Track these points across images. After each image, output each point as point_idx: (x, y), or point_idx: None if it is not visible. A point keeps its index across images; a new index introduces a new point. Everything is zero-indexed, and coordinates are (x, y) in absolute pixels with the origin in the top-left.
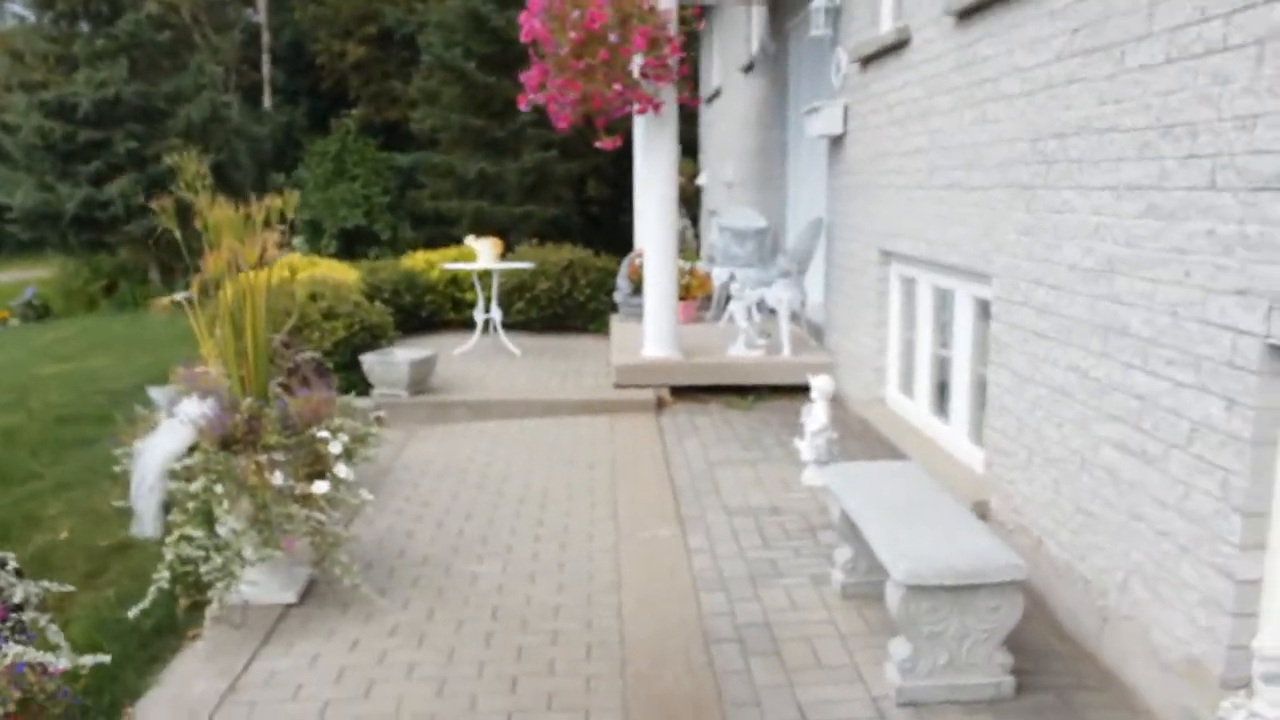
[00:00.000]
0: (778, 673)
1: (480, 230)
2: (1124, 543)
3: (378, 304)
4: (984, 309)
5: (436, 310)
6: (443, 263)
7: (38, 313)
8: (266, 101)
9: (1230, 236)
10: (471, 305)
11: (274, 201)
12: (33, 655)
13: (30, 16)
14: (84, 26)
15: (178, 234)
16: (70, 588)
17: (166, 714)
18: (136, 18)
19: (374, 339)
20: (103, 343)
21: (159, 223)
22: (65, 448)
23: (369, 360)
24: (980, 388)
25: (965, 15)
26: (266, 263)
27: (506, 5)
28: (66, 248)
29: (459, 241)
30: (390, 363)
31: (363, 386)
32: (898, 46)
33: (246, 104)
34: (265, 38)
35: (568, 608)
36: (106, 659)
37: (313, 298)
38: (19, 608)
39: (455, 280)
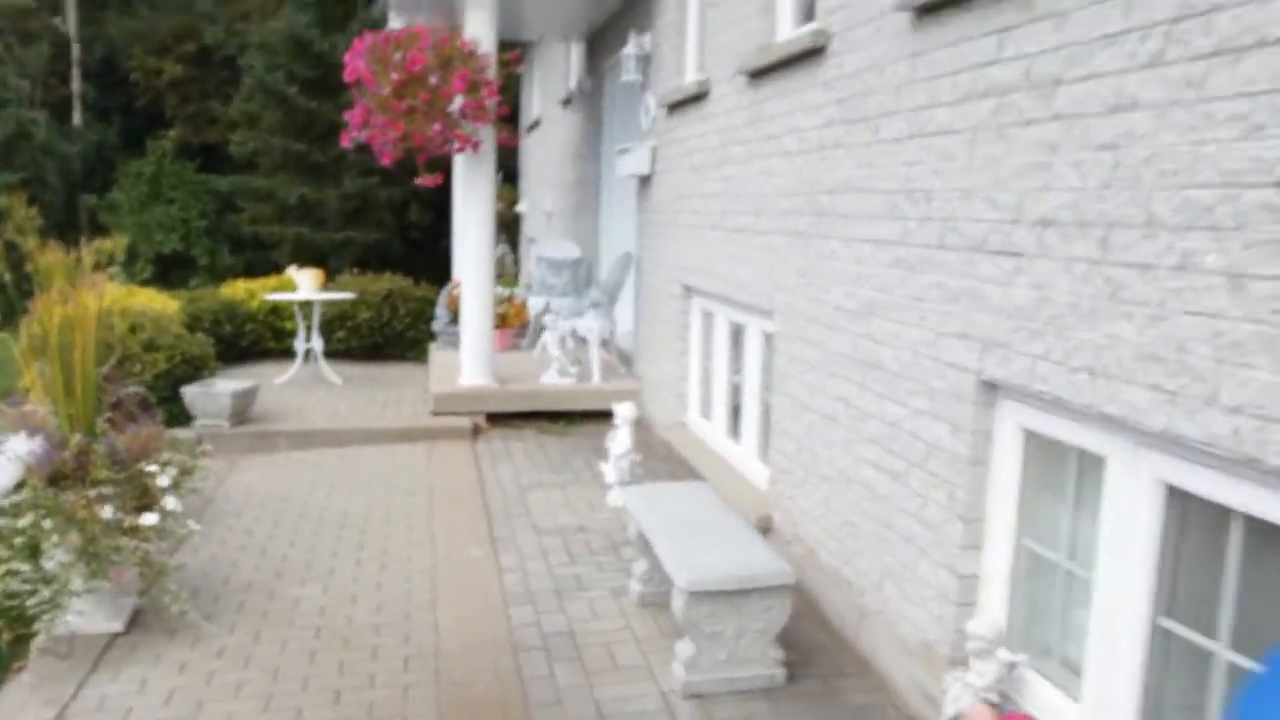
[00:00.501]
0: (579, 675)
1: (301, 256)
2: (879, 548)
3: (199, 335)
4: (770, 341)
5: (257, 339)
6: (264, 292)
7: None
8: (76, 118)
9: (954, 289)
10: (292, 334)
11: (104, 244)
12: None
13: None
14: None
15: (8, 277)
16: None
17: None
18: None
19: (195, 370)
20: None
21: None
22: None
23: (191, 392)
24: (767, 413)
25: (756, 76)
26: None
27: (330, 30)
28: None
29: (279, 267)
30: (212, 394)
31: (184, 418)
32: (699, 98)
33: (55, 120)
34: (75, 50)
35: (387, 625)
36: None
37: (133, 329)
38: None
39: (276, 309)
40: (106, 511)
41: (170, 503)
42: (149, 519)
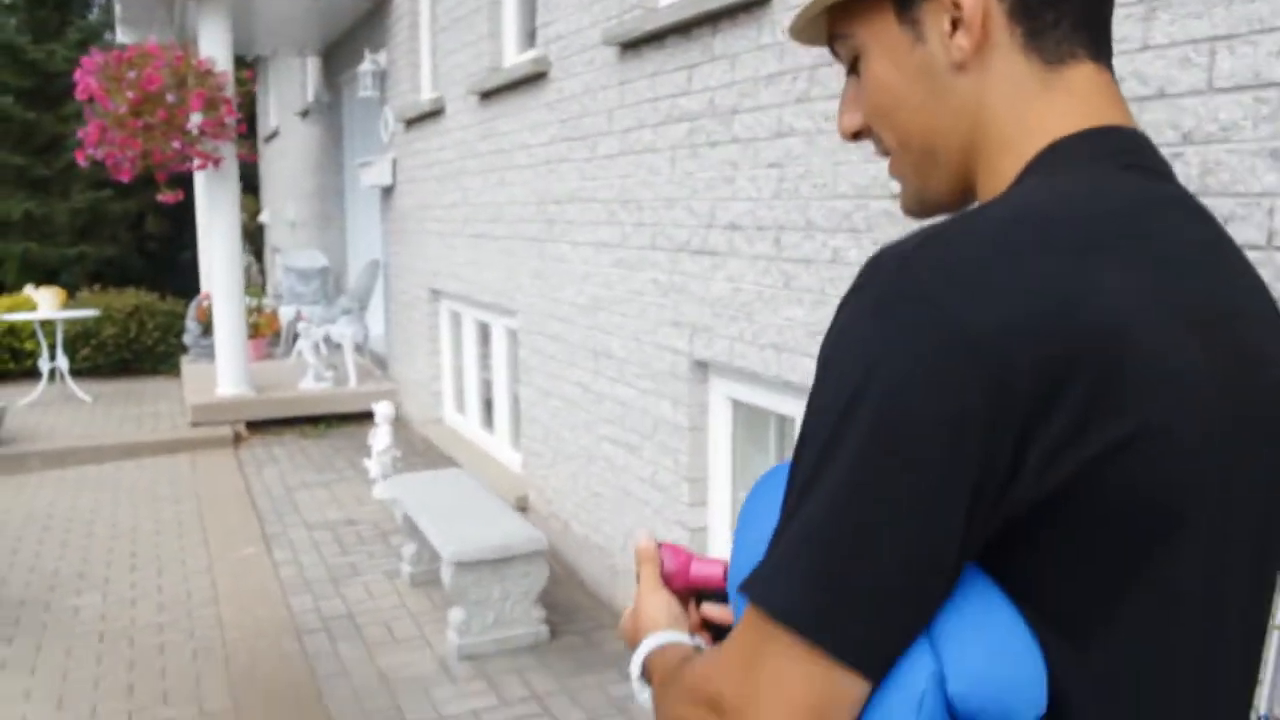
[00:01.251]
0: (360, 649)
1: (29, 272)
2: (621, 514)
3: None
4: (514, 337)
5: None
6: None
7: None
8: None
9: (666, 283)
10: (32, 355)
11: None
12: None
13: None
14: None
15: None
16: None
17: None
18: None
19: None
20: None
21: None
22: None
23: None
24: (516, 403)
25: (487, 96)
26: None
27: (44, 38)
28: None
29: (3, 285)
30: None
31: None
32: (435, 114)
33: None
34: None
35: (170, 623)
36: None
37: None
38: None
39: (12, 330)
40: None
41: None
42: None
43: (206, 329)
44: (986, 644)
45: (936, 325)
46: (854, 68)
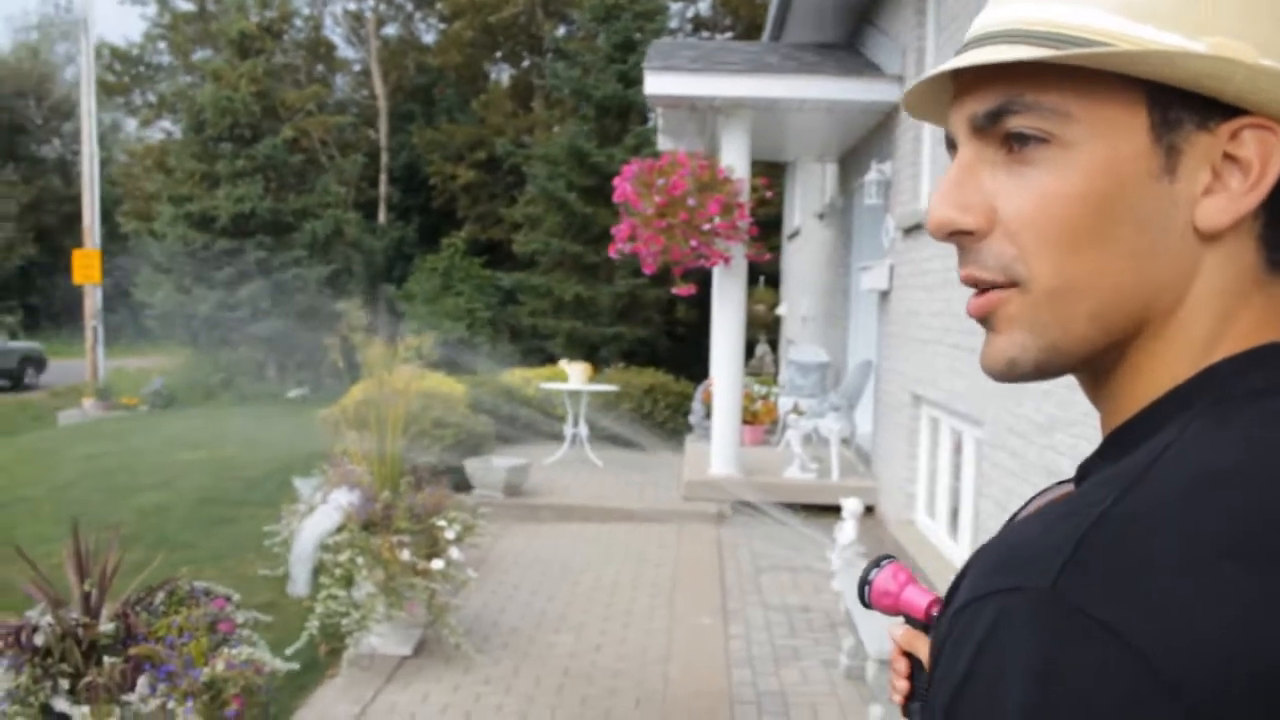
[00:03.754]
0: None
1: (574, 347)
2: None
3: (481, 416)
4: (979, 448)
5: (530, 422)
6: (539, 381)
7: (164, 401)
8: (381, 216)
9: None
10: (561, 419)
11: (413, 342)
12: (259, 654)
13: (175, 131)
14: (227, 148)
15: (341, 365)
16: (269, 618)
17: None
18: (274, 141)
19: (476, 446)
20: (227, 434)
21: (332, 356)
22: (212, 524)
23: (471, 465)
24: (977, 513)
25: None
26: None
27: (605, 143)
28: (195, 344)
29: (553, 357)
30: (490, 468)
31: (465, 487)
32: None
33: (363, 219)
34: (384, 159)
35: (625, 671)
36: (296, 666)
37: (424, 408)
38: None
39: (548, 395)
40: (405, 555)
41: (454, 553)
42: (437, 564)
43: (709, 411)
44: None
45: (1122, 667)
46: (1010, 138)
